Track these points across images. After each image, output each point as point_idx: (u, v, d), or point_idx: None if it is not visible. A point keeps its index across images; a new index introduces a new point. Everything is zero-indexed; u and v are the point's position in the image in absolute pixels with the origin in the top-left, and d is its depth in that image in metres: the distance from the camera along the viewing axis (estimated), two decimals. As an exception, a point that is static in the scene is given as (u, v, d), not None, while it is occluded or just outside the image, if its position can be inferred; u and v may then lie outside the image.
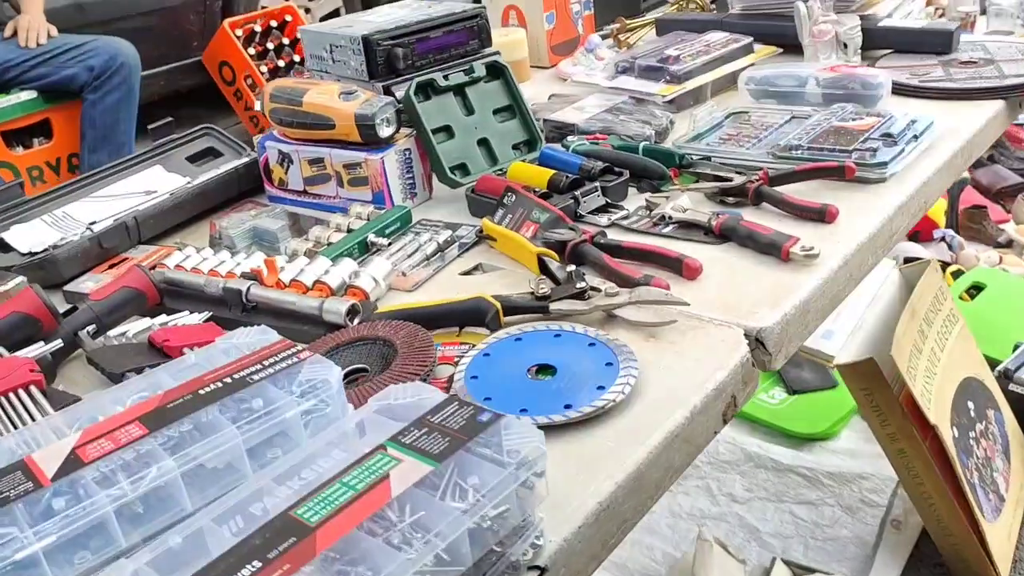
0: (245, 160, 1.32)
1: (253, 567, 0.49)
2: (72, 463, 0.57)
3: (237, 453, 0.60)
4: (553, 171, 1.18)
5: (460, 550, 0.53)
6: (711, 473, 2.05)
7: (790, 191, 1.10)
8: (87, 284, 1.07)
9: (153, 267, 1.06)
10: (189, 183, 1.26)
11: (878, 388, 1.58)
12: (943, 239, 2.75)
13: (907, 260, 2.51)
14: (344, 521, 0.52)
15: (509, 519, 0.57)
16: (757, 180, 1.11)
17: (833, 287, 0.96)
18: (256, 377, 0.64)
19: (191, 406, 0.62)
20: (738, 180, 1.13)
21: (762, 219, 1.05)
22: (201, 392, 0.63)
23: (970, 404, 1.76)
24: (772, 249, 0.98)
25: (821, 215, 1.04)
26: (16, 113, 2.75)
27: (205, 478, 0.60)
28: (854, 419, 2.13)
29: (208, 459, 0.60)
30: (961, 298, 2.39)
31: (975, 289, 2.43)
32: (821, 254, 0.96)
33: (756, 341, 0.86)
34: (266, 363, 0.66)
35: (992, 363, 1.96)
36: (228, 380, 0.64)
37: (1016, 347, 2.02)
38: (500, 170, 1.25)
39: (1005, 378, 1.92)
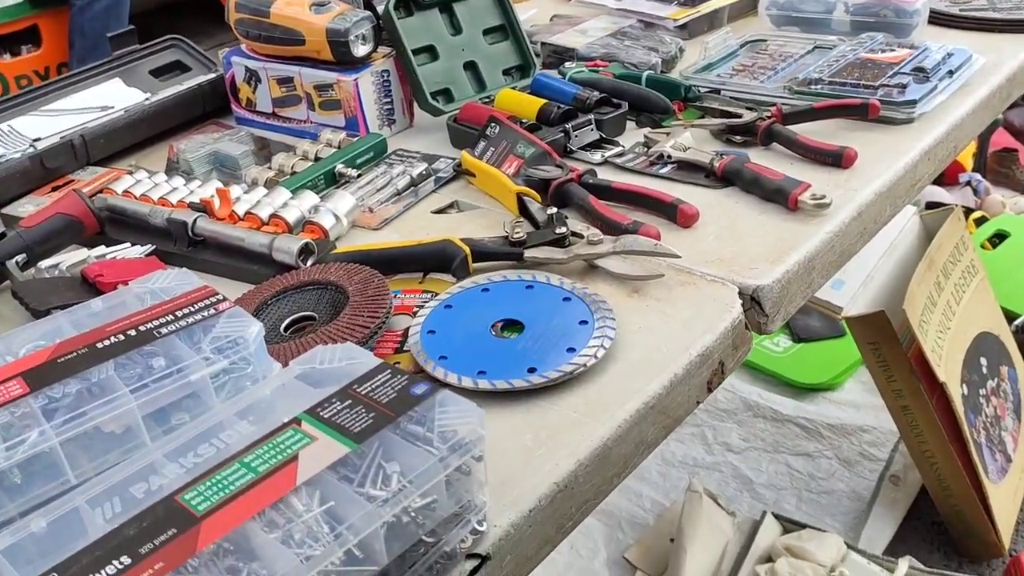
0: (211, 77, 1.21)
1: (120, 564, 0.41)
2: (-62, 425, 0.49)
3: (133, 418, 0.52)
4: (544, 101, 1.08)
5: (374, 546, 0.46)
6: (707, 421, 1.98)
7: (805, 131, 0.99)
8: (26, 208, 0.99)
9: (98, 192, 0.97)
10: (148, 99, 1.16)
11: (886, 343, 1.49)
12: (969, 183, 2.62)
13: (928, 205, 2.39)
14: (237, 510, 0.44)
15: (438, 510, 0.49)
16: (769, 118, 1.00)
17: (843, 241, 0.86)
18: (164, 330, 0.56)
19: (85, 362, 0.54)
20: (748, 117, 1.02)
21: (771, 162, 0.95)
22: (99, 345, 0.55)
23: (983, 360, 1.67)
24: (778, 196, 0.88)
25: (837, 159, 0.93)
26: (2, 18, 2.63)
27: (101, 443, 0.52)
28: (860, 370, 2.05)
29: (103, 423, 0.52)
30: (983, 247, 2.27)
31: (998, 237, 2.32)
32: (833, 203, 0.85)
33: (752, 300, 0.77)
34: (179, 314, 0.58)
35: (1010, 316, 1.86)
36: (132, 332, 0.56)
37: (1036, 302, 1.92)
38: (488, 98, 1.14)
39: (1023, 333, 1.83)
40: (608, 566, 1.69)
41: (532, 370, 0.68)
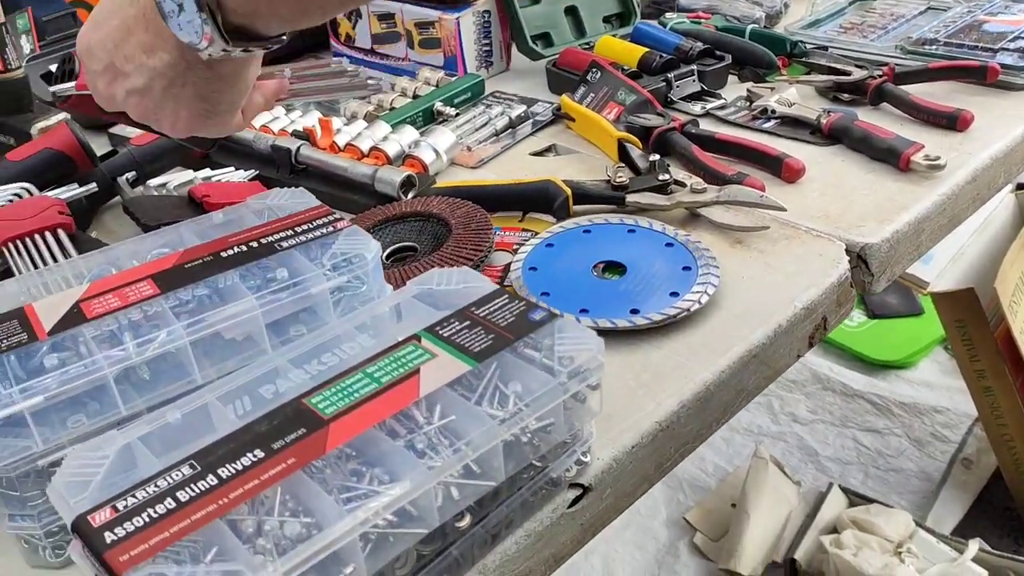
0: (312, 10, 1.22)
1: (254, 456, 0.42)
2: (73, 317, 0.51)
3: (257, 326, 0.53)
4: (646, 49, 1.06)
5: (492, 463, 0.46)
6: (774, 391, 1.96)
7: (917, 92, 0.95)
8: (135, 128, 1.01)
9: (204, 117, 0.98)
10: (250, 30, 1.17)
11: (973, 321, 1.45)
12: (1064, 167, 2.50)
13: (1020, 186, 2.30)
14: (362, 416, 0.45)
15: (553, 434, 0.49)
16: (880, 76, 0.97)
17: (955, 206, 0.83)
18: (285, 244, 0.57)
19: (210, 269, 0.55)
20: (857, 74, 0.99)
21: (880, 121, 0.92)
22: (223, 255, 0.56)
23: (1072, 348, 1.61)
24: (889, 156, 0.85)
25: (952, 121, 0.90)
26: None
27: (221, 348, 0.54)
28: (936, 350, 2.00)
29: (225, 328, 0.53)
30: (1077, 232, 2.18)
31: (1093, 225, 2.22)
32: (947, 166, 0.83)
33: (858, 258, 0.75)
34: (298, 230, 0.59)
35: (1103, 307, 1.79)
36: (254, 244, 0.57)
37: None
38: (587, 44, 1.13)
39: (1115, 324, 1.76)
40: (667, 526, 1.69)
41: (635, 311, 0.68)
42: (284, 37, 0.54)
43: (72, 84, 0.70)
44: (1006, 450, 1.52)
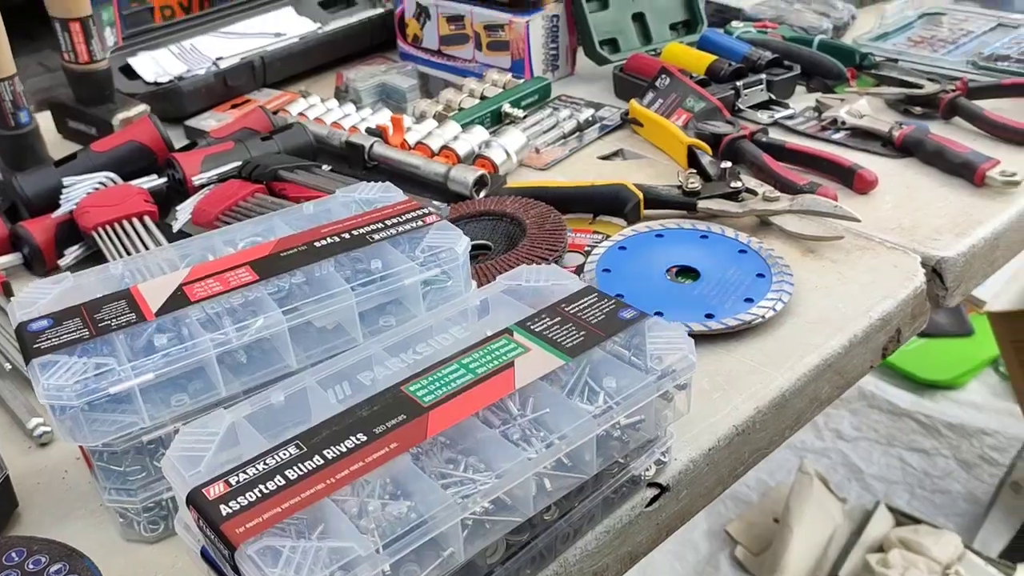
0: (380, 11, 1.24)
1: (357, 439, 0.43)
2: (179, 299, 0.53)
3: (349, 315, 0.55)
4: (714, 57, 1.06)
5: (584, 457, 0.47)
6: (820, 406, 1.94)
7: (990, 107, 0.95)
8: (209, 122, 1.03)
9: (276, 112, 1.00)
10: (320, 29, 1.19)
11: (1030, 343, 1.44)
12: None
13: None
14: (460, 406, 0.46)
15: (642, 431, 0.50)
16: (954, 90, 0.96)
17: (1032, 222, 0.82)
18: (376, 236, 0.58)
19: (305, 258, 0.56)
20: (930, 88, 0.98)
21: (953, 136, 0.91)
22: (316, 245, 0.58)
23: None
24: (964, 170, 0.85)
25: (1027, 138, 0.89)
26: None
27: (311, 336, 0.55)
28: (986, 371, 1.97)
29: (318, 317, 0.55)
30: None
31: None
32: (1024, 183, 0.82)
33: (933, 272, 0.75)
34: (388, 223, 0.60)
35: None
36: (346, 236, 0.58)
37: None
38: (654, 50, 1.13)
39: None
40: (708, 537, 1.69)
41: (709, 316, 0.68)
42: None
43: None
44: (1059, 475, 1.50)
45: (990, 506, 1.68)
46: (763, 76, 1.03)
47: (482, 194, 0.85)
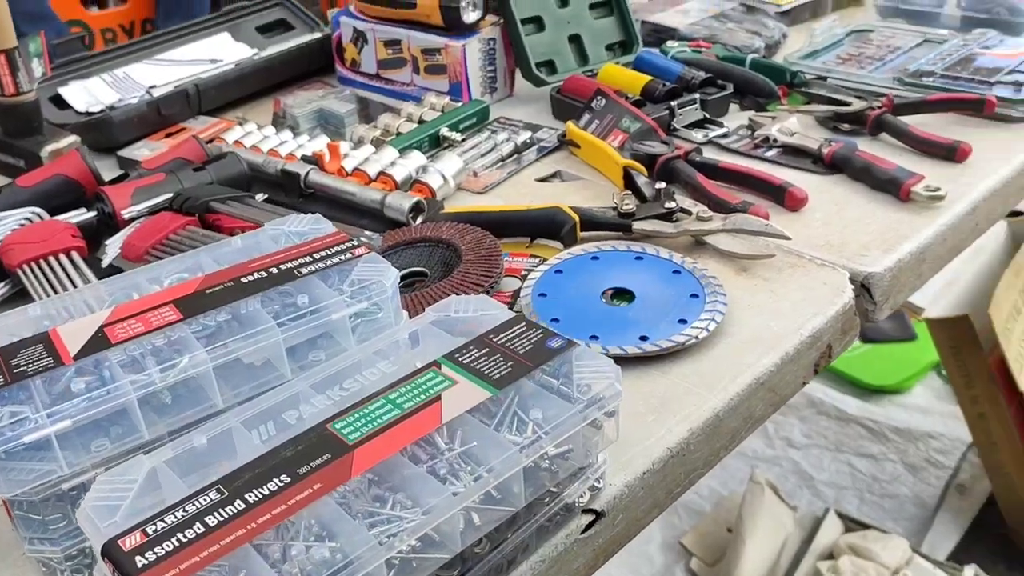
0: (317, 36, 1.23)
1: (281, 481, 0.43)
2: (99, 341, 0.52)
3: (277, 352, 0.54)
4: (649, 77, 1.07)
5: (512, 489, 0.47)
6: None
7: (916, 123, 0.97)
8: (142, 151, 1.02)
9: (211, 140, 0.99)
10: (256, 55, 1.18)
11: (968, 347, 1.47)
12: (1053, 195, 2.54)
13: (1013, 213, 2.33)
14: (386, 442, 0.46)
15: (571, 460, 0.50)
16: (880, 107, 0.99)
17: (956, 235, 0.85)
18: (304, 270, 0.58)
19: (231, 294, 0.56)
20: (857, 105, 1.01)
21: (879, 152, 0.94)
22: (243, 280, 0.57)
23: (1064, 375, 1.63)
24: (890, 186, 0.87)
25: (950, 153, 0.92)
26: (92, -29, 2.70)
27: (239, 374, 0.54)
28: (930, 375, 2.02)
29: (245, 354, 0.54)
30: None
31: (1082, 252, 2.25)
32: (947, 197, 0.84)
33: (862, 287, 0.77)
34: (317, 256, 0.59)
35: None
36: (274, 270, 0.58)
37: (1123, 320, 1.87)
38: (590, 71, 1.15)
39: (1105, 352, 1.78)
40: (663, 550, 1.70)
41: (644, 338, 0.69)
42: None
43: None
44: (1000, 476, 1.54)
45: (937, 509, 1.72)
46: (697, 95, 1.05)
47: (419, 220, 0.85)
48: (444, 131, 1.03)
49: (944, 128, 0.98)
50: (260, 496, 0.42)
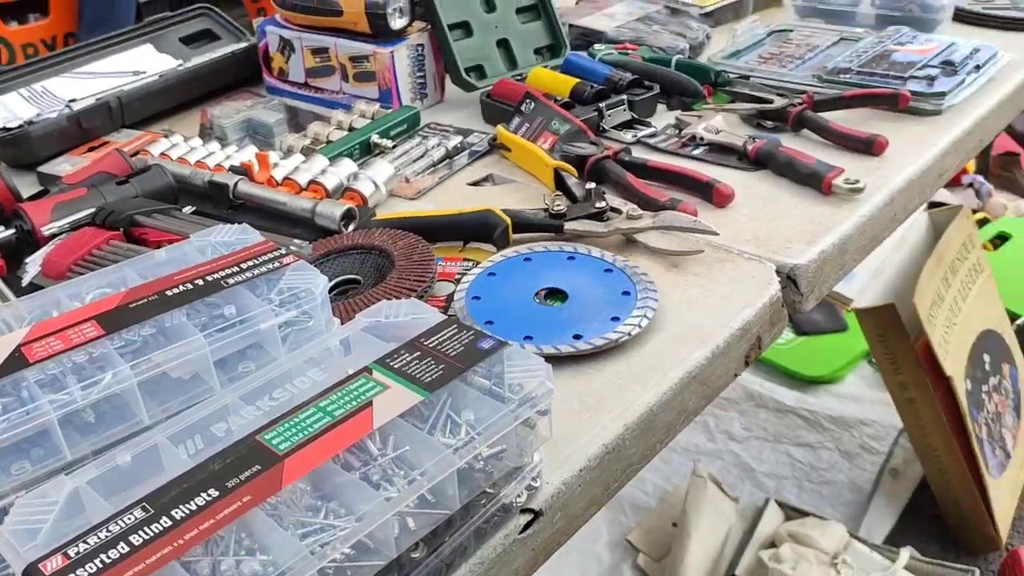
0: (243, 46, 1.22)
1: (209, 495, 0.42)
2: (16, 361, 0.50)
3: (204, 364, 0.53)
4: (577, 80, 1.09)
5: (447, 492, 0.47)
6: (710, 410, 2.00)
7: (835, 118, 1.00)
8: (63, 166, 0.99)
9: (136, 153, 0.97)
10: (181, 66, 1.16)
11: (895, 335, 1.52)
12: (971, 185, 2.64)
13: (932, 204, 2.42)
14: (317, 451, 0.45)
15: (505, 460, 0.50)
16: (800, 104, 1.02)
17: (875, 226, 0.87)
18: (231, 281, 0.57)
19: (156, 308, 0.55)
20: (779, 103, 1.03)
21: (801, 147, 0.96)
22: (168, 293, 0.56)
23: (986, 357, 1.70)
24: (812, 180, 0.89)
25: (868, 146, 0.95)
26: (11, -15, 2.62)
27: (167, 388, 0.53)
28: (861, 364, 2.07)
29: (171, 368, 0.53)
30: (984, 247, 2.30)
31: (1000, 239, 2.35)
32: (866, 189, 0.87)
33: (788, 279, 0.79)
34: (244, 266, 0.59)
35: (1012, 316, 1.89)
36: (200, 282, 0.57)
37: (1039, 302, 1.95)
38: (519, 75, 1.15)
39: (1024, 333, 1.86)
40: (610, 548, 1.71)
41: (577, 337, 0.69)
42: None
43: None
44: (930, 459, 1.59)
45: (872, 493, 1.76)
46: (624, 96, 1.06)
47: (350, 228, 0.85)
48: (375, 138, 1.02)
49: (862, 123, 1.01)
50: (187, 512, 0.41)
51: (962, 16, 1.29)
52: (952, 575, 1.46)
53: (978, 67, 1.07)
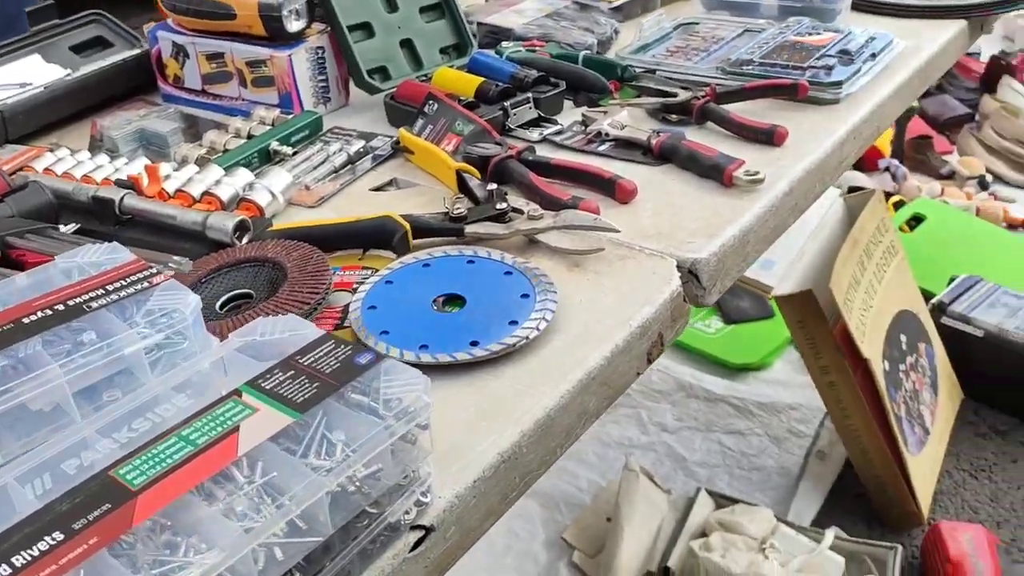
0: (136, 52, 1.17)
1: (52, 540, 0.39)
2: None
3: (62, 394, 0.50)
4: (482, 79, 1.07)
5: (318, 517, 0.45)
6: (642, 403, 2.01)
7: (738, 110, 1.01)
8: (-61, 186, 0.94)
9: (19, 170, 0.93)
10: (69, 75, 1.11)
11: (813, 321, 1.54)
12: (887, 169, 2.71)
13: (851, 189, 2.47)
14: (175, 483, 0.43)
15: (382, 479, 0.49)
16: (703, 97, 1.02)
17: (776, 216, 0.88)
18: (95, 304, 0.54)
19: (10, 338, 0.51)
20: (683, 96, 1.03)
21: (706, 139, 0.96)
22: (24, 321, 0.53)
23: (903, 337, 1.74)
24: (714, 172, 0.89)
25: (769, 137, 0.95)
26: (-95, -7, 2.49)
27: (28, 422, 0.50)
28: (788, 349, 2.11)
29: (29, 400, 0.50)
30: (901, 229, 2.36)
31: (915, 220, 2.41)
32: (766, 179, 0.87)
33: (689, 273, 0.78)
34: (110, 288, 0.56)
35: (927, 296, 1.94)
36: (60, 307, 0.54)
37: (951, 280, 2.00)
38: (425, 76, 1.13)
39: (938, 311, 1.91)
40: (546, 547, 1.70)
41: (474, 343, 0.68)
42: None
43: None
44: (852, 440, 1.62)
45: (800, 476, 1.79)
46: (530, 94, 1.05)
47: (244, 240, 0.82)
48: (274, 145, 0.99)
49: (764, 114, 1.02)
50: (29, 558, 0.39)
51: (860, 5, 1.31)
52: (876, 552, 1.49)
53: (874, 55, 1.09)
